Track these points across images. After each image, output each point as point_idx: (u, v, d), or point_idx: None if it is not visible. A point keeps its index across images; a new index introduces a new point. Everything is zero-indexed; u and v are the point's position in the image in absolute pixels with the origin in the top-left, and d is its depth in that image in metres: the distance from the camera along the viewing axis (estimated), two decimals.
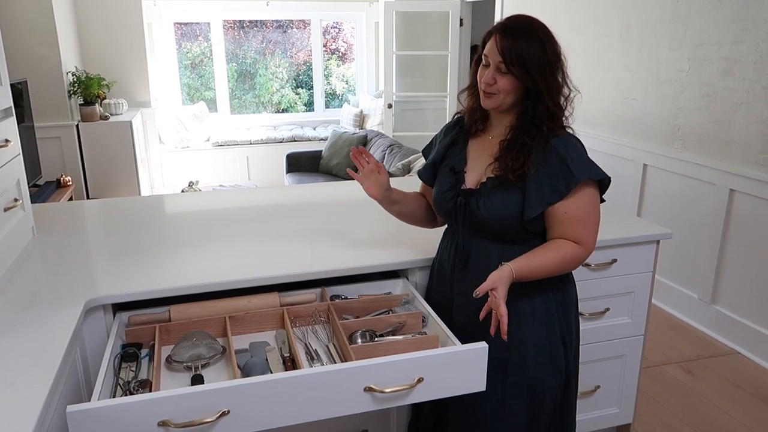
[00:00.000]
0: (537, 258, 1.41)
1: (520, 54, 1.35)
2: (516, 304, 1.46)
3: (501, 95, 1.40)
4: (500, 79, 1.39)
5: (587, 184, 1.40)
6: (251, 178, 6.44)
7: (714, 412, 2.52)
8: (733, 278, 3.02)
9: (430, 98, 6.24)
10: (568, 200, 1.39)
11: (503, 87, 1.39)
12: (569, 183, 1.38)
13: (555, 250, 1.41)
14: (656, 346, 3.02)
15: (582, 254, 1.43)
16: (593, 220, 1.43)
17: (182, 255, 1.83)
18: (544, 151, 1.39)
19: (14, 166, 1.82)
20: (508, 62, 1.36)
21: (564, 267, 1.44)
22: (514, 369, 1.48)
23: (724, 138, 3.01)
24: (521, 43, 1.35)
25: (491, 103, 1.43)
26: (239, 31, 7.20)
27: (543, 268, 1.41)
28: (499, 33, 1.38)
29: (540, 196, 1.39)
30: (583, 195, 1.40)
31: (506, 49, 1.36)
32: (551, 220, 1.42)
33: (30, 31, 4.61)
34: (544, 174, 1.39)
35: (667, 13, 3.28)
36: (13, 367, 1.21)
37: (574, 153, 1.40)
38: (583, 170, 1.39)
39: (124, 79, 5.66)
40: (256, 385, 1.17)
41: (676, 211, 3.33)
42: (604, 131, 3.83)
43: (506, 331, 1.32)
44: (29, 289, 1.59)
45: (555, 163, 1.39)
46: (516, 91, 1.40)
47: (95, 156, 5.11)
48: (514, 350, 1.47)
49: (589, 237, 1.42)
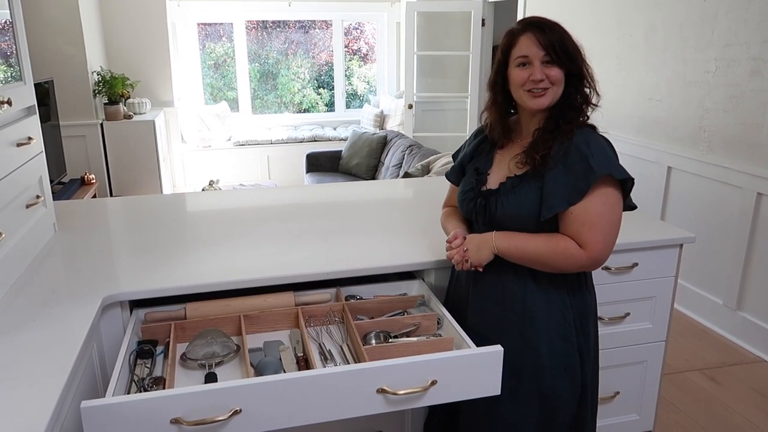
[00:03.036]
0: (526, 238, 1.40)
1: (562, 43, 1.36)
2: (531, 310, 1.44)
3: (554, 88, 1.38)
4: (549, 71, 1.37)
5: (604, 184, 1.34)
6: (271, 178, 6.48)
7: (737, 421, 2.45)
8: (760, 284, 2.94)
9: (450, 99, 6.21)
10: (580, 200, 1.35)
11: (554, 78, 1.37)
12: (588, 179, 1.33)
13: (550, 240, 1.37)
14: (679, 353, 2.96)
15: (580, 257, 1.34)
16: (601, 224, 1.33)
17: (200, 253, 1.84)
18: (565, 147, 1.36)
19: (37, 164, 1.85)
20: (554, 53, 1.35)
21: (555, 262, 1.37)
22: (527, 377, 1.45)
23: (752, 140, 2.93)
24: (556, 33, 1.37)
25: (545, 101, 1.39)
26: (262, 32, 7.25)
27: (531, 254, 1.38)
28: (534, 30, 1.37)
29: (558, 196, 1.35)
30: (597, 197, 1.33)
31: (549, 42, 1.35)
32: (559, 219, 1.38)
33: (56, 31, 4.70)
34: (562, 170, 1.35)
35: (694, 13, 3.22)
36: (31, 362, 1.23)
37: (596, 149, 1.35)
38: (604, 166, 1.33)
39: (148, 79, 5.74)
40: (269, 385, 1.17)
41: (701, 214, 3.26)
42: (627, 133, 3.77)
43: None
44: (49, 284, 1.61)
45: (575, 160, 1.35)
46: (562, 83, 1.39)
47: (119, 154, 5.19)
48: (527, 358, 1.45)
49: (594, 242, 1.33)
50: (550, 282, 1.43)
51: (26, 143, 1.74)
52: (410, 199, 2.66)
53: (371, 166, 5.50)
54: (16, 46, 1.77)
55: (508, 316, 1.45)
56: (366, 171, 5.50)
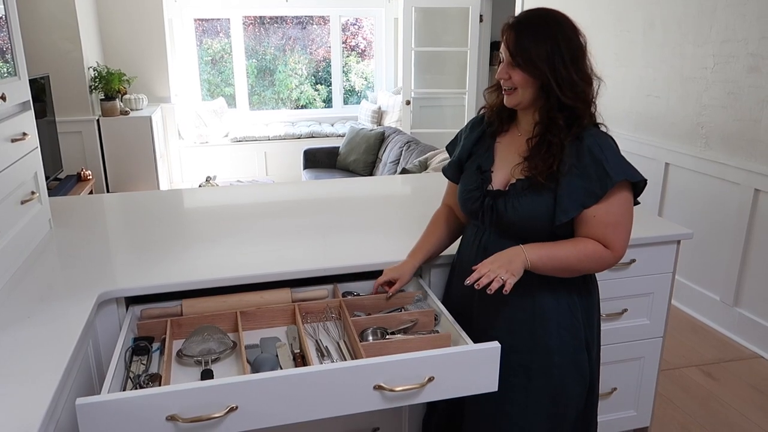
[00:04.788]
0: (554, 246, 1.36)
1: (526, 48, 1.34)
2: (541, 308, 1.43)
3: (519, 91, 1.38)
4: (512, 73, 1.37)
5: (621, 187, 1.35)
6: (269, 174, 6.47)
7: (734, 417, 2.46)
8: (757, 280, 2.95)
9: (448, 95, 6.20)
10: (598, 204, 1.34)
11: (516, 81, 1.37)
12: (605, 185, 1.33)
13: (577, 245, 1.36)
14: (676, 349, 2.97)
15: (608, 257, 1.37)
16: (624, 225, 1.37)
17: (196, 249, 1.83)
18: (578, 151, 1.35)
19: (32, 159, 1.83)
20: (515, 56, 1.35)
21: (584, 265, 1.38)
22: (537, 375, 1.45)
23: (749, 136, 2.93)
24: (529, 36, 1.34)
25: (512, 101, 1.41)
26: (259, 28, 7.22)
27: (562, 262, 1.35)
28: (508, 27, 1.38)
29: (573, 200, 1.34)
30: (616, 198, 1.35)
31: (513, 44, 1.35)
32: (579, 223, 1.37)
33: (52, 26, 4.67)
34: (576, 175, 1.34)
35: (692, 8, 3.21)
36: (26, 358, 1.22)
37: (609, 153, 1.35)
38: (620, 171, 1.34)
39: (145, 75, 5.72)
40: (266, 381, 1.16)
41: (699, 211, 3.26)
42: (625, 129, 3.77)
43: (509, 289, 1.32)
44: (44, 280, 1.60)
45: (589, 164, 1.34)
46: (531, 86, 1.37)
47: (115, 150, 5.17)
48: (538, 356, 1.44)
49: (619, 241, 1.36)
50: (558, 280, 1.42)
51: (21, 139, 1.73)
52: (408, 195, 2.66)
53: (369, 163, 5.50)
54: (10, 41, 1.76)
55: (517, 315, 1.44)
56: (363, 167, 5.49)
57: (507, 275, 1.31)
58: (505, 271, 1.32)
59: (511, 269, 1.33)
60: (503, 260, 1.35)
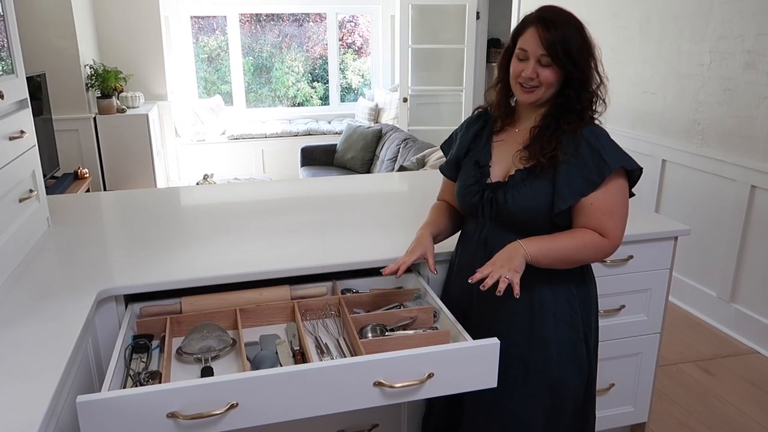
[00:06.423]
0: (552, 238, 1.37)
1: (565, 44, 1.33)
2: (539, 301, 1.44)
3: (542, 88, 1.38)
4: (542, 72, 1.36)
5: (617, 175, 1.37)
6: (266, 172, 6.46)
7: (731, 412, 2.47)
8: (753, 276, 2.96)
9: (445, 92, 6.20)
10: (596, 191, 1.36)
11: (546, 80, 1.36)
12: (602, 172, 1.35)
13: (575, 235, 1.37)
14: (673, 345, 2.98)
15: (605, 246, 1.38)
16: (620, 213, 1.39)
17: (195, 247, 1.83)
18: (575, 141, 1.36)
19: (29, 158, 1.83)
20: (554, 54, 1.33)
21: (583, 256, 1.39)
22: (535, 368, 1.46)
23: (746, 133, 2.94)
24: (564, 33, 1.33)
25: (532, 98, 1.40)
26: (256, 25, 7.20)
27: (561, 252, 1.36)
28: (540, 25, 1.35)
29: (571, 188, 1.35)
30: (612, 186, 1.37)
31: (551, 41, 1.33)
32: (577, 211, 1.38)
33: (48, 24, 4.65)
34: (574, 164, 1.36)
35: (689, 5, 3.22)
36: (26, 357, 1.22)
37: (606, 142, 1.37)
38: (617, 159, 1.36)
39: (141, 73, 5.70)
40: (265, 378, 1.17)
41: (695, 207, 3.27)
42: (622, 125, 3.77)
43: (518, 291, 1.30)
44: (43, 279, 1.60)
45: (586, 153, 1.36)
46: (558, 83, 1.37)
47: (112, 148, 5.16)
48: (536, 349, 1.45)
49: (615, 230, 1.38)
50: (556, 272, 1.43)
51: (19, 137, 1.73)
52: (405, 192, 2.66)
53: (366, 160, 5.49)
54: (7, 39, 1.75)
55: (516, 308, 1.45)
56: (361, 165, 5.49)
57: (511, 274, 1.31)
58: (508, 270, 1.32)
59: (513, 266, 1.33)
60: (503, 259, 1.35)
